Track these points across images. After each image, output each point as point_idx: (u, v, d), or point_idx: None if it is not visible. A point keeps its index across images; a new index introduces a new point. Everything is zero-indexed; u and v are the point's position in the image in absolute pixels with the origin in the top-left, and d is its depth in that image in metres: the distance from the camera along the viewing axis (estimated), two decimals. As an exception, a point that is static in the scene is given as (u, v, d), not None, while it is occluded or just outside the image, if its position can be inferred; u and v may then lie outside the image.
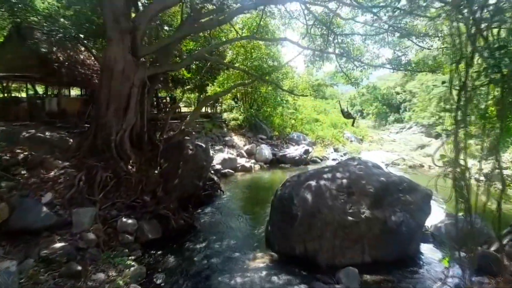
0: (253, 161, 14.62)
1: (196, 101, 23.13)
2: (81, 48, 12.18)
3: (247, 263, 5.45)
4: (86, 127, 9.41)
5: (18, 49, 10.40)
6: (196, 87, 19.36)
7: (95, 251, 5.01)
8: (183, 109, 21.24)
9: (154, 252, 5.66)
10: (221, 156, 12.95)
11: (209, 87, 18.98)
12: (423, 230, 6.12)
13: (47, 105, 11.59)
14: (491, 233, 5.67)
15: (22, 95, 16.68)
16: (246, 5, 8.86)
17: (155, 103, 17.50)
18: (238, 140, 16.57)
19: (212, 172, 10.62)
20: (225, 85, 17.65)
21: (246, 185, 11.28)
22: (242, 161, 13.84)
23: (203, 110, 19.11)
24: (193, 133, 12.98)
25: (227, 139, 16.03)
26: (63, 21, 9.09)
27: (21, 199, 5.28)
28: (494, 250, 5.23)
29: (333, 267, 5.07)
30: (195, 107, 17.20)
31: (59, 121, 10.10)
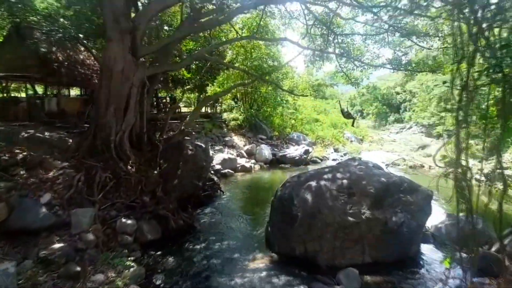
0: (253, 161, 14.60)
1: (196, 101, 23.12)
2: (81, 48, 12.16)
3: (247, 263, 5.45)
4: (86, 127, 9.39)
5: (18, 49, 10.38)
6: (196, 87, 19.34)
7: (94, 252, 4.99)
8: (183, 109, 21.23)
9: (153, 252, 5.65)
10: (221, 156, 12.93)
11: (209, 87, 18.97)
12: (423, 230, 6.10)
13: (46, 105, 11.57)
14: (491, 234, 5.66)
15: (22, 95, 16.66)
16: (246, 4, 8.83)
17: (155, 103, 17.48)
18: (238, 140, 16.54)
19: (212, 172, 10.61)
20: (225, 85, 17.64)
21: (246, 186, 11.26)
22: (242, 161, 13.82)
23: (203, 110, 19.11)
24: (193, 133, 12.96)
25: (227, 139, 16.01)
26: (62, 21, 9.07)
27: (20, 200, 5.26)
28: (495, 251, 5.21)
29: (333, 268, 5.06)
30: (195, 107, 17.17)
31: (59, 121, 10.07)
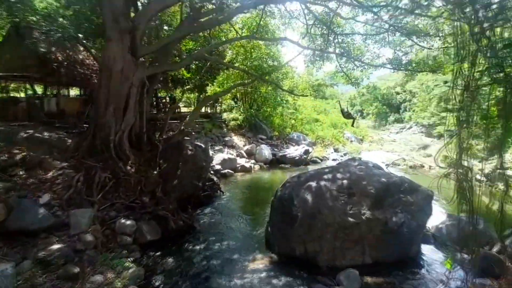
0: (253, 161, 14.57)
1: (195, 101, 23.09)
2: (80, 48, 12.13)
3: (247, 264, 5.42)
4: (85, 127, 9.37)
5: (17, 48, 10.36)
6: (195, 87, 19.32)
7: (93, 253, 4.96)
8: (183, 109, 21.20)
9: (153, 253, 5.62)
10: (220, 157, 12.91)
11: (209, 87, 18.94)
12: (424, 231, 6.07)
13: (46, 105, 11.55)
14: (492, 234, 5.64)
15: (21, 95, 16.62)
16: (246, 4, 8.81)
17: (154, 103, 17.45)
18: (238, 140, 16.52)
19: (211, 172, 10.59)
20: (225, 85, 17.61)
21: (245, 186, 11.24)
22: (241, 161, 13.80)
23: (202, 110, 19.07)
24: (192, 133, 12.94)
25: (226, 139, 15.98)
26: (62, 20, 9.04)
27: (18, 200, 5.23)
28: (496, 252, 5.19)
29: (333, 268, 5.04)
30: (195, 107, 17.15)
31: (58, 121, 10.05)
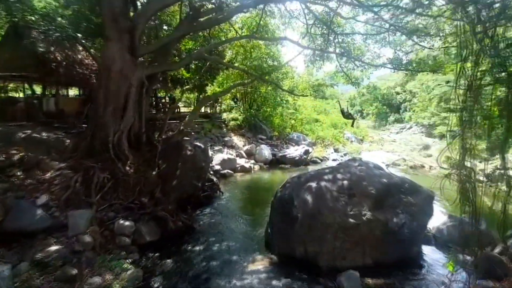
0: (252, 161, 14.53)
1: (195, 101, 23.04)
2: (79, 48, 12.08)
3: (247, 265, 5.38)
4: (84, 127, 9.31)
5: (16, 48, 10.30)
6: (195, 87, 19.26)
7: (91, 254, 4.92)
8: (182, 109, 21.16)
9: (151, 254, 5.57)
10: (220, 157, 12.86)
11: (209, 87, 18.90)
12: (425, 232, 6.03)
13: (44, 105, 11.50)
14: (494, 235, 5.59)
15: (20, 95, 16.57)
16: (246, 3, 8.76)
17: (154, 103, 17.41)
18: (238, 140, 16.48)
19: (211, 172, 10.54)
20: (224, 85, 17.57)
21: (245, 186, 11.19)
22: (241, 161, 13.75)
23: (202, 110, 19.04)
24: (192, 133, 12.89)
25: (226, 139, 15.94)
26: (60, 20, 9.00)
27: (16, 201, 5.20)
28: (498, 253, 5.15)
29: (334, 269, 4.99)
30: (194, 107, 17.10)
31: (57, 122, 9.99)
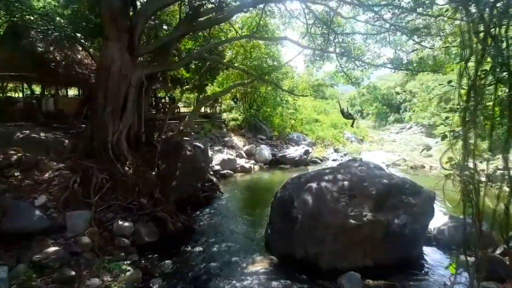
0: (252, 161, 14.49)
1: (195, 101, 23.00)
2: (79, 48, 12.03)
3: (246, 266, 5.34)
4: (83, 127, 9.27)
5: (14, 48, 10.23)
6: (195, 87, 19.22)
7: (90, 256, 4.89)
8: (182, 109, 21.11)
9: (151, 255, 5.54)
10: (220, 157, 12.82)
11: (208, 87, 18.85)
12: (426, 233, 5.99)
13: (43, 105, 11.45)
14: (495, 236, 5.54)
15: (19, 95, 16.52)
16: (245, 3, 8.72)
17: (153, 103, 17.36)
18: (238, 140, 16.44)
19: (211, 173, 10.51)
20: (224, 85, 17.53)
21: (245, 186, 11.16)
22: (241, 161, 13.72)
23: (202, 110, 19.00)
24: (192, 133, 12.85)
25: (226, 139, 15.90)
26: (59, 19, 8.95)
27: (14, 202, 5.16)
28: (499, 254, 5.11)
29: (334, 271, 4.94)
30: (194, 107, 17.05)
31: (56, 122, 9.94)
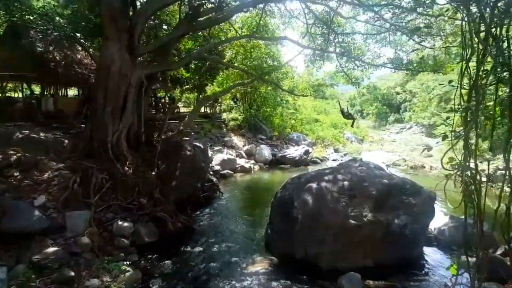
0: (252, 161, 14.48)
1: (195, 101, 22.99)
2: (78, 48, 12.01)
3: (246, 267, 5.32)
4: (83, 127, 9.26)
5: (14, 48, 10.21)
6: (195, 87, 19.21)
7: (89, 256, 4.88)
8: (182, 109, 21.10)
9: (150, 256, 5.52)
10: (220, 157, 12.81)
11: (208, 87, 18.84)
12: (426, 233, 5.97)
13: (43, 105, 11.43)
14: (496, 237, 5.52)
15: (19, 95, 16.50)
16: (245, 3, 8.71)
17: (153, 103, 17.34)
18: (238, 140, 16.42)
19: (211, 173, 10.49)
20: (224, 85, 17.51)
21: (245, 186, 11.15)
22: (241, 161, 13.70)
23: (202, 110, 18.98)
24: (191, 133, 12.83)
25: (226, 139, 15.88)
26: (59, 19, 8.94)
27: (13, 202, 5.15)
28: (500, 254, 5.09)
29: (334, 271, 4.92)
30: (194, 107, 17.04)
31: (55, 122, 9.93)
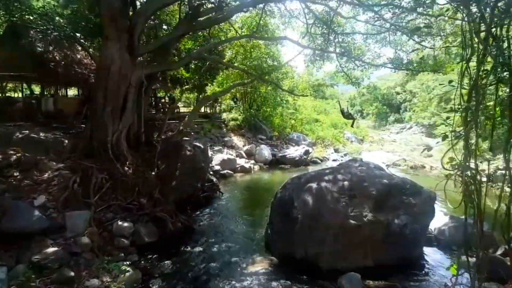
0: (252, 161, 14.47)
1: (195, 101, 22.98)
2: (78, 47, 12.01)
3: (246, 267, 5.32)
4: (83, 127, 9.25)
5: (14, 48, 10.21)
6: (195, 86, 19.20)
7: (89, 256, 4.87)
8: (182, 109, 21.10)
9: (150, 256, 5.52)
10: (220, 157, 12.80)
11: (208, 86, 18.83)
12: (426, 233, 5.97)
13: (43, 105, 11.43)
14: (496, 237, 5.52)
15: (18, 95, 16.49)
16: (245, 3, 8.70)
17: (153, 103, 17.33)
18: (238, 140, 16.42)
19: (211, 173, 10.49)
20: (224, 85, 17.50)
21: (245, 187, 11.14)
22: (241, 161, 13.70)
23: (202, 110, 18.97)
24: (191, 133, 12.83)
25: (226, 139, 15.88)
26: (59, 19, 8.94)
27: (13, 202, 5.14)
28: (500, 254, 5.09)
29: (334, 271, 4.92)
30: (194, 107, 17.03)
31: (55, 122, 9.92)
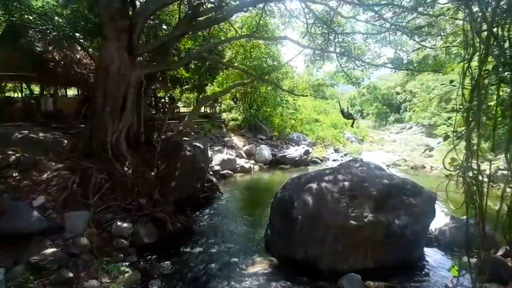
0: (252, 162, 14.44)
1: (195, 101, 22.96)
2: (78, 47, 11.99)
3: (246, 268, 5.30)
4: (82, 127, 9.23)
5: (13, 48, 10.19)
6: (195, 86, 19.20)
7: (88, 257, 4.85)
8: (182, 109, 21.07)
9: (150, 256, 5.49)
10: (220, 157, 12.78)
11: (208, 86, 18.82)
12: (427, 233, 5.95)
13: (42, 105, 11.41)
14: (497, 238, 5.49)
15: (18, 95, 16.46)
16: (245, 2, 8.67)
17: (153, 103, 17.31)
18: (238, 140, 16.39)
19: (210, 173, 10.47)
20: (224, 85, 17.48)
21: (245, 187, 11.12)
22: (241, 162, 13.67)
23: (202, 110, 18.95)
24: (191, 133, 12.81)
25: (226, 139, 15.86)
26: (58, 19, 8.92)
27: (12, 202, 5.12)
28: (501, 255, 5.07)
29: (335, 272, 4.89)
30: (194, 107, 17.00)
31: (55, 122, 9.90)
